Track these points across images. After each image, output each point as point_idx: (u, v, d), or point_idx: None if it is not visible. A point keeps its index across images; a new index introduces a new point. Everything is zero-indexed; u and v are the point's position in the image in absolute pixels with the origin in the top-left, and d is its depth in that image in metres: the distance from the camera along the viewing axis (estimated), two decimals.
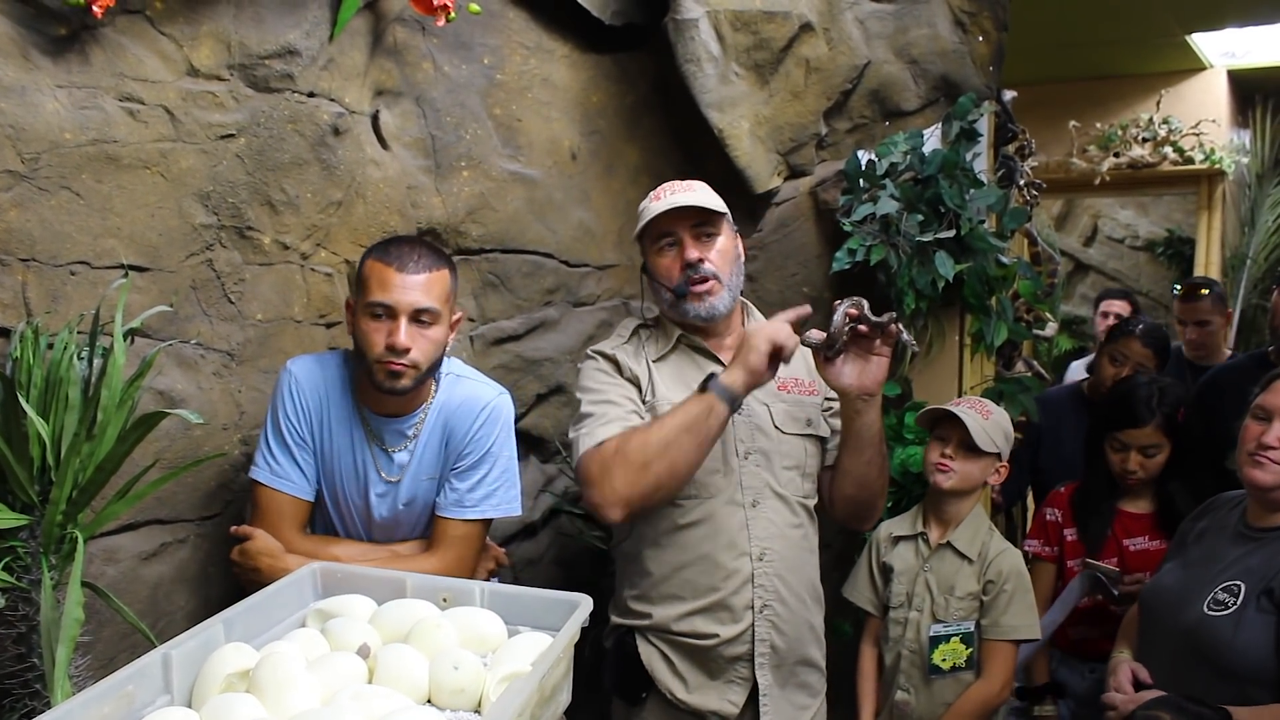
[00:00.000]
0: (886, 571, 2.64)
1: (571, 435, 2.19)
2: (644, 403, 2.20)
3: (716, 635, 2.18)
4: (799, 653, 2.25)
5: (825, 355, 2.11)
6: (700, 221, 2.20)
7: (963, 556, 2.54)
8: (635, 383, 2.22)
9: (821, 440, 2.31)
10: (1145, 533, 2.84)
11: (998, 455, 2.56)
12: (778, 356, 2.04)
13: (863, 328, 2.07)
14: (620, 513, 2.06)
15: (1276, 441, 2.08)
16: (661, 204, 2.18)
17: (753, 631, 2.18)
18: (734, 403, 2.03)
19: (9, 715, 1.62)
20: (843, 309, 2.08)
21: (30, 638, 1.62)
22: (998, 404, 2.72)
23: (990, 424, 2.53)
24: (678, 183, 2.25)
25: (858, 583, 2.71)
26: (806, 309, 2.11)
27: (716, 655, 2.19)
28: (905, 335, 2.13)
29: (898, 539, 2.66)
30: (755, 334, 2.03)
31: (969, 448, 2.52)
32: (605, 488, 2.05)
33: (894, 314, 2.08)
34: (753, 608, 2.18)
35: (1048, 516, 3.01)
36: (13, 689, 1.63)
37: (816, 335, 2.11)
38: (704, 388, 2.03)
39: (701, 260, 2.17)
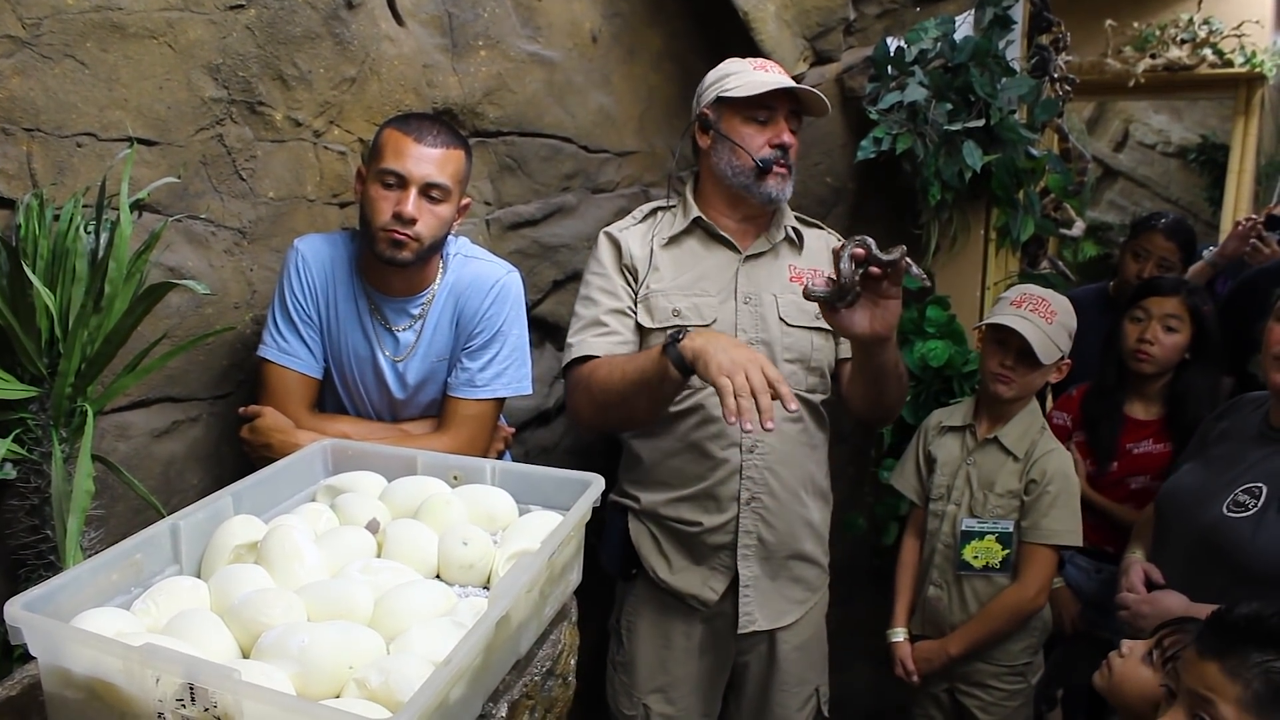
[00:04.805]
0: (931, 461, 2.60)
1: (569, 336, 2.22)
2: (637, 292, 2.20)
3: (700, 524, 2.21)
4: (791, 547, 2.26)
5: (834, 306, 1.90)
6: (794, 110, 2.20)
7: (1008, 453, 2.48)
8: (633, 271, 2.21)
9: (833, 333, 2.26)
10: (1150, 436, 2.79)
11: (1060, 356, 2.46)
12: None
13: (874, 269, 1.84)
14: (587, 432, 2.23)
15: None
16: (772, 76, 2.15)
17: (737, 522, 2.20)
18: (689, 373, 1.89)
19: (24, 585, 1.62)
20: (848, 253, 1.83)
21: (43, 509, 1.63)
22: None
23: (1055, 329, 2.40)
24: (767, 61, 2.24)
25: (904, 470, 2.67)
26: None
27: (700, 542, 2.23)
28: (915, 269, 1.89)
29: (946, 429, 2.61)
30: (740, 352, 1.82)
31: (1030, 357, 2.41)
32: (574, 412, 2.20)
33: (904, 248, 1.85)
34: (739, 499, 2.19)
35: (1055, 420, 2.96)
36: (27, 559, 1.64)
37: (821, 287, 1.90)
38: (666, 348, 1.92)
39: (791, 146, 2.17)
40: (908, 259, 1.85)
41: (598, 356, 2.13)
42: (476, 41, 2.48)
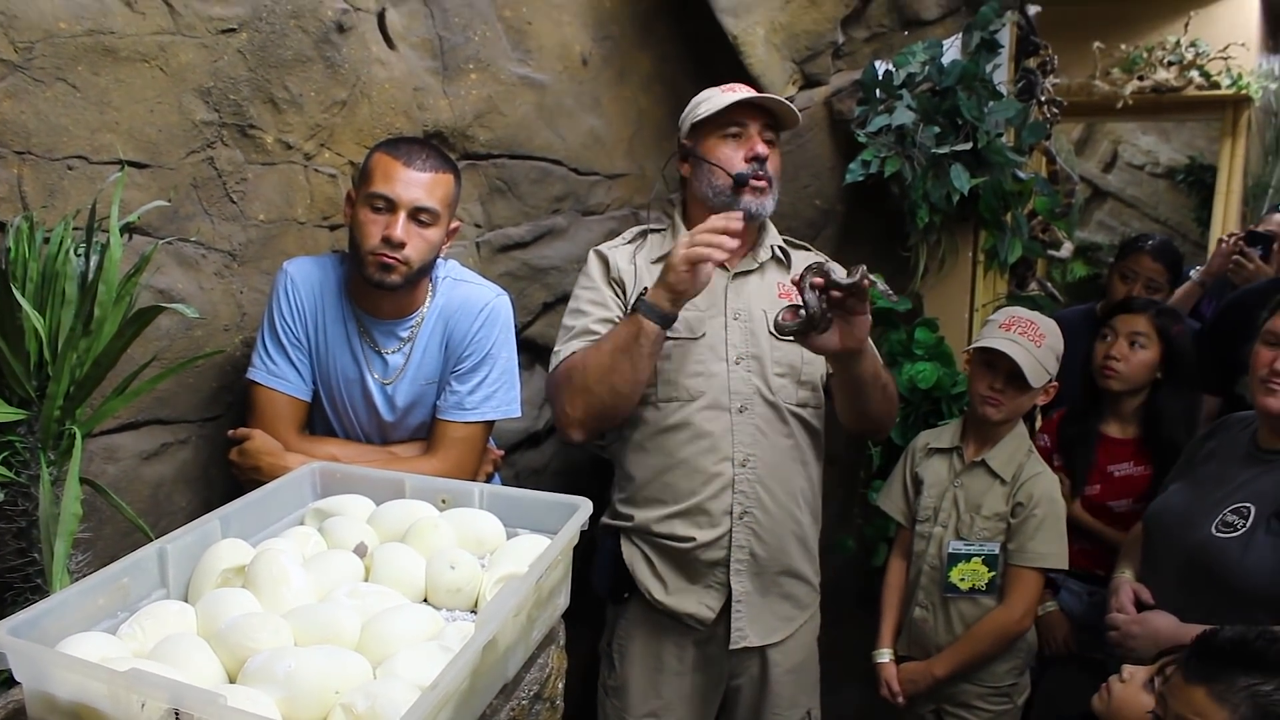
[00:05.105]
0: (918, 483, 2.60)
1: (556, 346, 2.24)
2: (625, 304, 2.22)
3: (693, 539, 2.21)
4: (782, 562, 2.27)
5: (806, 336, 1.97)
6: (769, 124, 2.23)
7: (995, 476, 2.48)
8: (620, 284, 2.24)
9: None
10: (1129, 458, 2.80)
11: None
12: (697, 269, 1.99)
13: (836, 293, 1.91)
14: (578, 433, 2.16)
15: None
16: (739, 94, 2.19)
17: (730, 537, 2.20)
18: (664, 320, 2.01)
19: (10, 609, 1.61)
20: (808, 283, 1.89)
21: (30, 533, 1.62)
22: None
23: (1043, 351, 2.41)
24: (736, 85, 2.27)
25: (891, 492, 2.67)
26: (737, 217, 2.01)
27: (694, 559, 2.22)
28: (881, 285, 1.95)
29: (933, 451, 2.60)
30: (674, 251, 2.00)
31: (1019, 380, 2.40)
32: (559, 412, 2.17)
33: (863, 267, 1.90)
34: (731, 513, 2.20)
35: (1039, 443, 2.96)
36: (14, 583, 1.62)
37: (789, 320, 1.97)
38: (633, 308, 2.03)
39: (766, 159, 2.19)
40: (869, 276, 1.89)
41: None
42: (467, 65, 2.49)
